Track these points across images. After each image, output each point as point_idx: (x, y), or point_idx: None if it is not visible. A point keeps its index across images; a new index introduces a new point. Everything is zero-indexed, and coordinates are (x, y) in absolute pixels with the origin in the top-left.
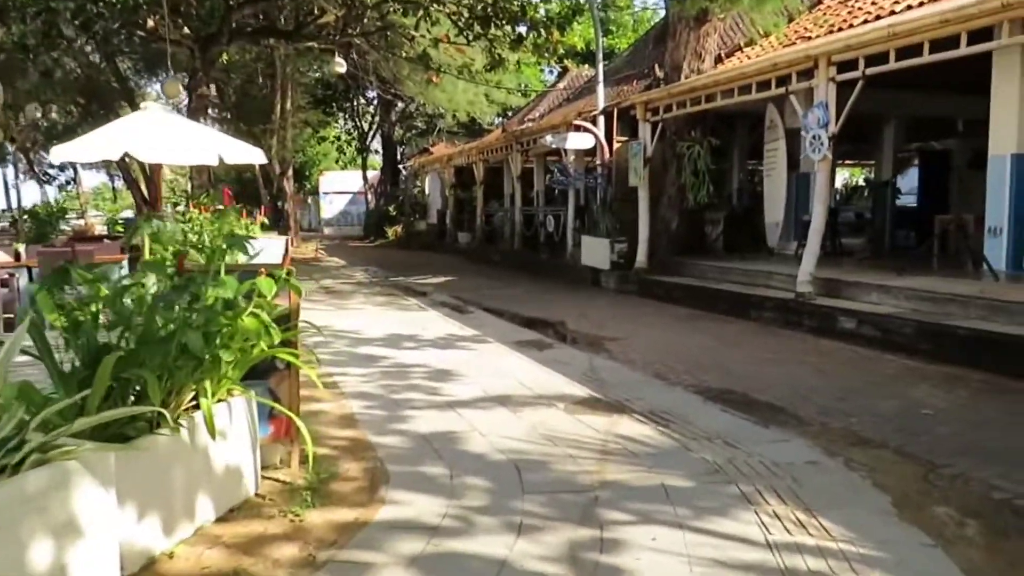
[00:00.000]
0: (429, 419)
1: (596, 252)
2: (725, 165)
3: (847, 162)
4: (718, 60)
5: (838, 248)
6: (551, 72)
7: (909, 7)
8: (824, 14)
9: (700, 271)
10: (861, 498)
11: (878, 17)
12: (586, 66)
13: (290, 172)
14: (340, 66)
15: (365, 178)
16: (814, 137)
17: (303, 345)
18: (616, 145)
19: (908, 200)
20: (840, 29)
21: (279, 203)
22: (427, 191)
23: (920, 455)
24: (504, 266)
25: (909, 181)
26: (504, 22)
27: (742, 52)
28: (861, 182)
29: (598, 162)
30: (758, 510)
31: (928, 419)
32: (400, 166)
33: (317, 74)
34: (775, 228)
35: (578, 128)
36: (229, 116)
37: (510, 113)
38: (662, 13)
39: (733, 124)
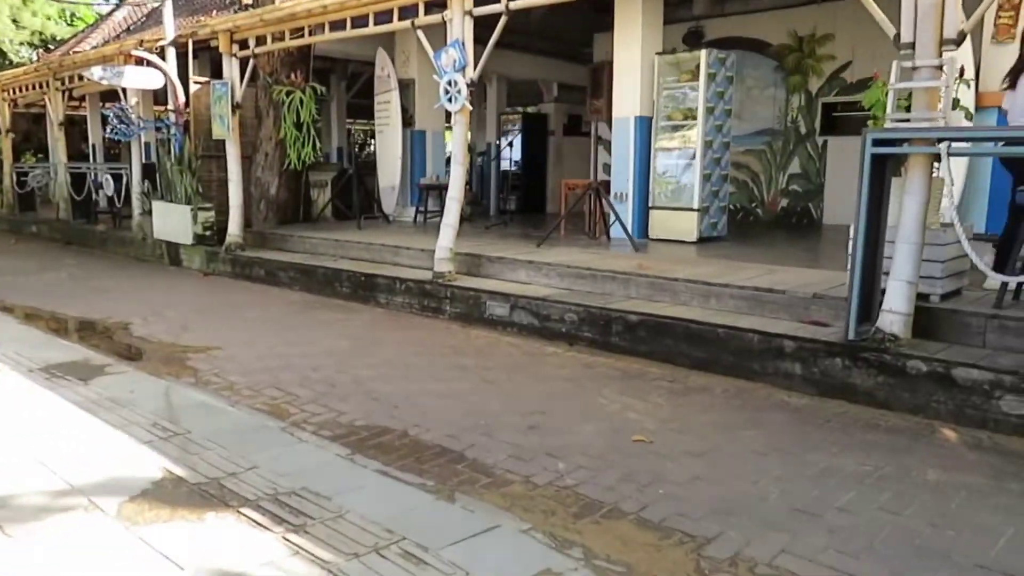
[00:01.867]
0: None
1: (173, 222)
2: (320, 122)
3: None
4: None
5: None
6: (107, 1)
7: None
8: None
9: (311, 245)
10: None
11: None
12: None
13: None
14: None
15: None
16: (450, 83)
17: None
18: (195, 87)
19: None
20: None
21: None
22: None
23: (671, 524)
24: (46, 241)
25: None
26: None
27: None
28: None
29: (170, 107)
30: None
31: (646, 452)
32: None
33: None
34: (391, 193)
35: (140, 61)
36: None
37: (52, 46)
38: None
39: (330, 72)
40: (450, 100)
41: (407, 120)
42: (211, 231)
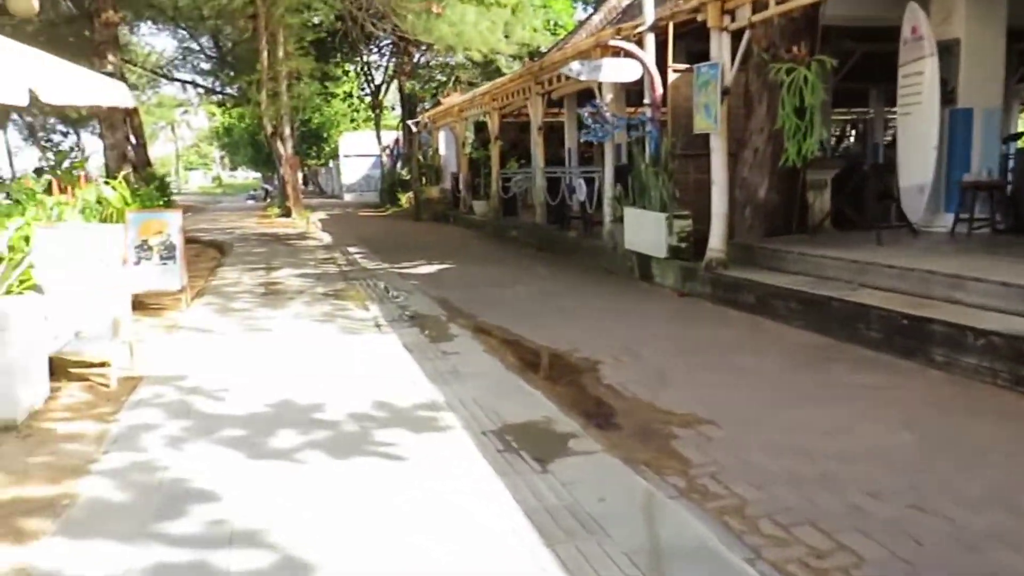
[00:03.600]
0: None
1: (645, 231)
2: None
3: None
4: None
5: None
6: (585, 8)
7: None
8: None
9: (814, 266)
10: None
11: None
12: None
13: (287, 132)
14: None
15: (379, 139)
16: None
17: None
18: (674, 76)
19: None
20: None
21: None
22: (441, 150)
23: None
24: (522, 246)
25: None
26: None
27: None
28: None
29: (647, 101)
30: None
31: None
32: (409, 122)
33: (314, 16)
34: (918, 195)
35: (616, 52)
36: (218, 66)
37: (535, 58)
38: None
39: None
40: None
41: (947, 96)
42: (687, 243)
